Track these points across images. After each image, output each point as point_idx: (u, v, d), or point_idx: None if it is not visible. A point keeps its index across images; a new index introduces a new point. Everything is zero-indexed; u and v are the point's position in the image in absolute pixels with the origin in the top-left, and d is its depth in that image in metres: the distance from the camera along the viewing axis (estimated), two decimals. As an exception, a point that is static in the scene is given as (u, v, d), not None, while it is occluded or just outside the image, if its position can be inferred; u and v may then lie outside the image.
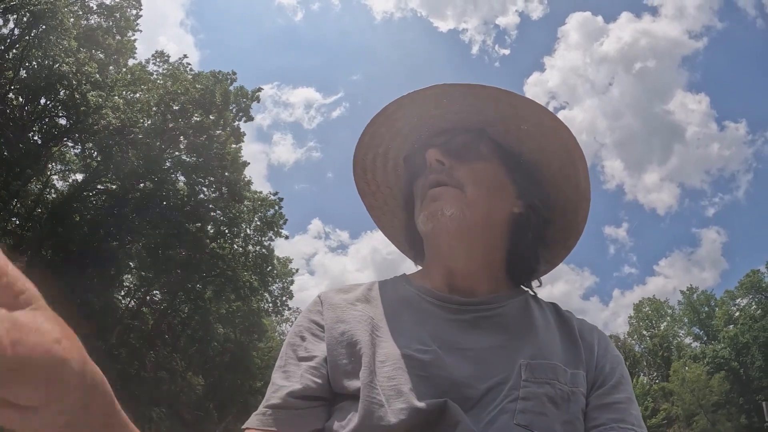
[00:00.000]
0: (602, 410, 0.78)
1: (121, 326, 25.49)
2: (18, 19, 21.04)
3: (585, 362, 0.83)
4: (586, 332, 0.89)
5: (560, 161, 0.93)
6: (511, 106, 0.87)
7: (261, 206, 26.32)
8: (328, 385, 0.79)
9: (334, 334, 0.83)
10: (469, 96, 0.88)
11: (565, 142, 0.90)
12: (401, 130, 0.94)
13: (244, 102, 24.67)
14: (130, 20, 24.92)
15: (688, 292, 46.94)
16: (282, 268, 30.98)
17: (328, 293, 0.92)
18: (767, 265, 42.57)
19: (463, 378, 0.76)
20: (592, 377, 0.82)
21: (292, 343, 0.85)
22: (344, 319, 0.85)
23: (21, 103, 22.66)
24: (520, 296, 0.93)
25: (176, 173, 24.12)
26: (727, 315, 43.20)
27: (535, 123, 0.89)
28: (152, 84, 23.30)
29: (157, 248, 23.88)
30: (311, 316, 0.88)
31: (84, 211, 24.52)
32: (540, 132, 0.90)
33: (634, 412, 0.79)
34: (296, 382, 0.78)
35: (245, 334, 28.92)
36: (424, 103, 0.90)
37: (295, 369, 0.81)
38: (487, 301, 0.88)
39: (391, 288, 0.93)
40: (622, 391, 0.81)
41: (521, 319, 0.87)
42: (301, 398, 0.77)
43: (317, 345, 0.83)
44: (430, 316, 0.85)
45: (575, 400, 0.77)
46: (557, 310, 0.94)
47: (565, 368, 0.80)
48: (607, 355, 0.86)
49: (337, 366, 0.79)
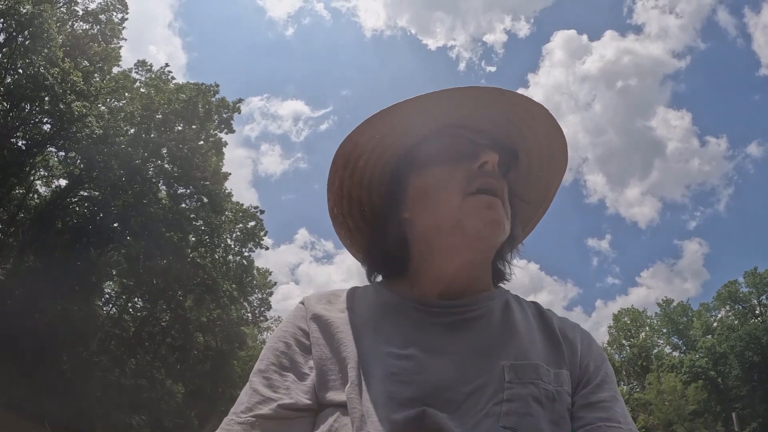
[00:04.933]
0: (588, 409, 0.77)
1: (102, 333, 25.37)
2: (5, 25, 21.10)
3: (568, 361, 0.83)
4: (568, 330, 0.88)
5: (546, 166, 0.97)
6: (526, 111, 0.89)
7: (242, 217, 26.47)
8: (315, 396, 0.78)
9: (319, 346, 0.82)
10: (502, 107, 0.88)
11: (559, 149, 0.94)
12: (411, 119, 0.87)
13: (226, 113, 24.88)
14: (116, 27, 24.99)
15: (664, 303, 47.35)
16: (261, 279, 31.11)
17: (311, 300, 0.90)
18: (744, 275, 43.10)
19: (446, 382, 0.75)
20: (577, 376, 0.82)
21: (276, 348, 0.83)
22: (329, 329, 0.83)
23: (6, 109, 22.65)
24: (501, 297, 0.91)
25: (158, 182, 24.19)
26: (705, 325, 43.66)
27: (543, 131, 0.91)
28: (135, 92, 23.38)
29: (138, 256, 23.90)
30: (296, 322, 0.86)
31: (66, 218, 24.50)
32: (539, 137, 0.93)
33: (619, 409, 0.78)
34: (284, 395, 0.77)
35: (226, 342, 28.90)
36: (451, 97, 0.86)
37: (279, 378, 0.79)
38: (468, 303, 0.86)
39: (373, 294, 0.91)
40: (607, 389, 0.81)
41: (503, 320, 0.86)
42: (290, 410, 0.76)
43: (303, 355, 0.82)
44: (411, 321, 0.84)
45: (560, 399, 0.76)
46: (539, 309, 0.93)
47: (548, 368, 0.79)
48: (590, 354, 0.86)
49: (325, 380, 0.78)
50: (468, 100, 0.86)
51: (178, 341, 27.86)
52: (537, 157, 0.95)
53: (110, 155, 22.16)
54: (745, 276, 42.94)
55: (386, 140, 0.90)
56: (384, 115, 0.86)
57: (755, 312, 42.54)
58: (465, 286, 0.87)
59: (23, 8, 20.25)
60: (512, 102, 0.87)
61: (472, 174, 0.85)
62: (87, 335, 23.73)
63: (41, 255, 23.14)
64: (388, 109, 0.85)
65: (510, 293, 0.95)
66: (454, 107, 0.87)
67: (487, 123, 0.90)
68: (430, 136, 0.89)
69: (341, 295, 0.91)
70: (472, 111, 0.88)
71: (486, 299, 0.88)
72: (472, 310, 0.85)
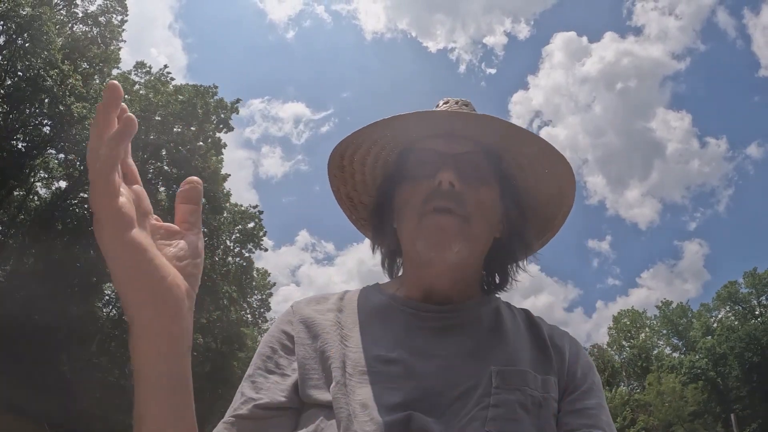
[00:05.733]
0: (574, 416, 0.78)
1: (102, 335, 25.47)
2: (4, 28, 21.20)
3: (556, 368, 0.83)
4: (556, 338, 0.89)
5: (551, 191, 0.95)
6: (515, 128, 0.87)
7: (241, 219, 26.53)
8: (297, 396, 0.79)
9: (303, 345, 0.83)
10: (478, 118, 0.88)
11: (562, 176, 0.91)
12: (402, 127, 0.89)
13: (224, 113, 24.92)
14: (116, 29, 25.06)
15: (663, 305, 47.15)
16: (261, 280, 31.21)
17: (300, 303, 0.92)
18: (744, 276, 42.95)
19: (433, 386, 0.76)
20: (564, 383, 0.82)
21: (263, 353, 0.85)
22: (315, 330, 0.85)
23: (5, 111, 22.76)
24: (492, 303, 0.92)
25: (157, 184, 24.27)
26: (705, 326, 43.54)
27: (538, 148, 0.89)
28: (135, 94, 23.46)
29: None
30: (282, 326, 0.88)
31: (66, 220, 24.57)
32: (540, 158, 0.91)
33: (604, 417, 0.79)
34: (264, 395, 0.78)
35: (225, 344, 28.96)
36: (431, 117, 0.88)
37: (263, 381, 0.81)
38: (458, 309, 0.87)
39: (363, 297, 0.92)
40: (593, 397, 0.82)
41: (492, 325, 0.87)
42: (265, 409, 0.77)
43: (287, 357, 0.83)
44: (400, 324, 0.85)
45: (546, 405, 0.77)
46: (528, 316, 0.94)
47: (536, 374, 0.80)
48: (578, 362, 0.86)
49: (307, 379, 0.79)
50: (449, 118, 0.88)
51: (177, 343, 27.82)
52: (535, 161, 0.93)
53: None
54: (745, 276, 42.80)
55: (383, 152, 0.94)
56: (376, 127, 0.88)
57: (755, 313, 42.45)
58: (449, 292, 0.88)
59: (23, 11, 20.35)
60: (500, 127, 0.87)
61: (431, 192, 0.84)
62: (87, 336, 23.79)
63: (41, 256, 23.19)
64: (381, 123, 0.87)
65: (501, 300, 0.96)
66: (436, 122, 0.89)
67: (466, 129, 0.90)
68: (410, 147, 0.91)
69: (331, 298, 0.93)
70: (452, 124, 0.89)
71: (475, 305, 0.89)
72: (460, 316, 0.87)
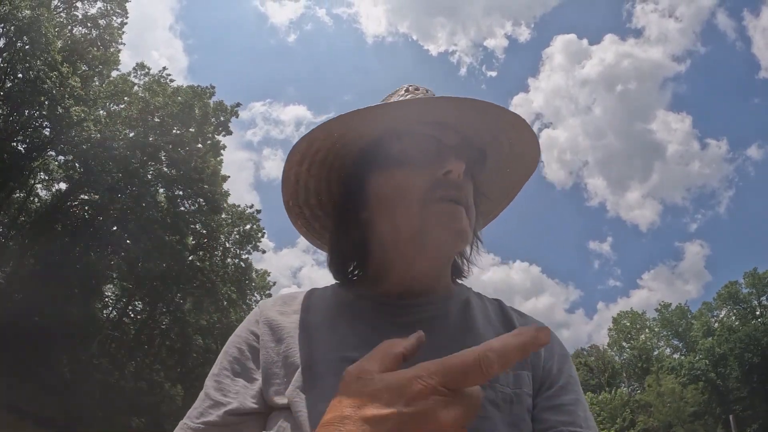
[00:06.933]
0: (550, 412, 0.77)
1: (102, 336, 25.53)
2: (4, 30, 21.28)
3: (530, 362, 0.81)
4: None
5: (518, 170, 0.94)
6: (496, 115, 0.83)
7: (239, 220, 26.57)
8: (263, 400, 0.77)
9: (267, 349, 0.81)
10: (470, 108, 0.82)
11: (529, 149, 0.89)
12: (377, 116, 0.82)
13: (223, 116, 24.97)
14: (116, 31, 25.14)
15: (662, 307, 47.09)
16: (260, 280, 31.27)
17: (267, 303, 0.90)
18: (744, 276, 42.93)
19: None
20: (540, 377, 0.80)
21: (229, 353, 0.83)
22: (279, 333, 0.82)
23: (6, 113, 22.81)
24: (462, 295, 0.90)
25: (156, 186, 24.32)
26: (706, 326, 43.49)
27: (516, 134, 0.87)
28: (134, 96, 23.53)
29: (137, 260, 24.02)
30: (249, 326, 0.86)
31: (66, 221, 24.64)
32: (516, 143, 0.89)
33: (582, 413, 0.77)
34: (233, 399, 0.77)
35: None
36: (417, 105, 0.83)
37: (229, 383, 0.79)
38: (427, 303, 0.84)
39: (330, 294, 0.90)
40: (570, 392, 0.80)
41: (461, 319, 0.84)
42: (235, 415, 0.76)
43: (253, 360, 0.81)
44: (367, 321, 0.82)
45: (519, 401, 0.75)
46: (501, 306, 0.91)
47: (507, 370, 0.77)
48: (554, 356, 0.84)
49: (270, 384, 0.77)
50: (441, 104, 0.82)
51: (177, 344, 27.94)
52: (507, 156, 0.91)
53: (108, 159, 22.28)
54: (745, 277, 42.77)
55: (348, 135, 0.85)
56: (346, 118, 0.81)
57: (755, 313, 42.41)
58: (425, 287, 0.85)
59: (22, 13, 20.42)
60: (484, 110, 0.82)
61: (436, 181, 0.80)
62: (87, 338, 23.85)
63: (41, 258, 23.26)
64: (355, 113, 0.80)
65: (472, 291, 0.93)
66: (425, 109, 0.83)
67: (458, 119, 0.85)
68: (395, 132, 0.84)
69: (298, 297, 0.90)
70: (444, 111, 0.83)
71: (445, 298, 0.86)
72: (429, 310, 0.84)
